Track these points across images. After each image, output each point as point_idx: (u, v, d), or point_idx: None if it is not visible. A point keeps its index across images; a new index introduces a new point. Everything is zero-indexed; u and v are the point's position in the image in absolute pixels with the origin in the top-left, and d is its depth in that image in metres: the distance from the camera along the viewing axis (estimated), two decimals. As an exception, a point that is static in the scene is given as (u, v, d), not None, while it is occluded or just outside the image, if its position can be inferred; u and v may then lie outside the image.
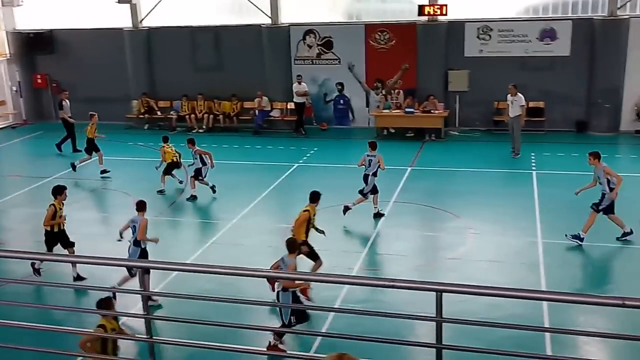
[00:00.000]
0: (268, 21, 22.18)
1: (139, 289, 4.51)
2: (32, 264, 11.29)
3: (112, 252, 10.08)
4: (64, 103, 20.42)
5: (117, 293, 9.36)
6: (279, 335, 8.88)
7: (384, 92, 21.24)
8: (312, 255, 10.81)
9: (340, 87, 22.11)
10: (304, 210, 10.86)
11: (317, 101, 22.21)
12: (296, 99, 21.53)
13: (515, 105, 17.98)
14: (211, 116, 22.73)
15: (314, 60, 22.16)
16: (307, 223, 10.80)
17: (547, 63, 20.21)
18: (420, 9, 20.37)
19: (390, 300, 9.71)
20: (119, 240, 10.91)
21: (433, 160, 18.26)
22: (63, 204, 11.38)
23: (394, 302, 9.50)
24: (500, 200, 14.76)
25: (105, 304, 7.03)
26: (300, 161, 18.47)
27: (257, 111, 22.17)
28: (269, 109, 22.32)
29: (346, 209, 13.86)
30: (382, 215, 13.98)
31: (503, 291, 3.60)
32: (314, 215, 10.95)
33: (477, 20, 20.61)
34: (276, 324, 9.19)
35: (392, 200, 14.92)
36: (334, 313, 9.56)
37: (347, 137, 21.22)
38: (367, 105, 21.96)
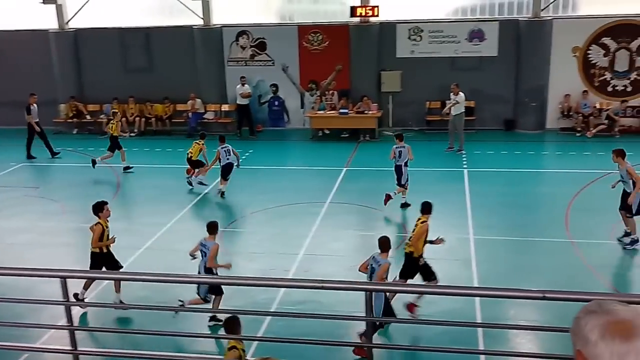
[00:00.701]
0: (200, 22, 21.90)
1: (62, 300, 4.34)
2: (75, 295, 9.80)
3: (37, 262, 9.72)
4: (32, 107, 19.44)
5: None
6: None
7: (318, 93, 21.33)
8: (427, 272, 9.80)
9: (274, 89, 22.05)
10: (422, 222, 9.92)
11: (251, 103, 22.07)
12: (239, 101, 21.32)
13: (460, 104, 18.63)
14: (143, 119, 22.28)
15: (248, 62, 22.03)
16: (425, 235, 9.98)
17: (476, 63, 20.72)
18: (353, 10, 20.55)
19: (327, 300, 9.71)
20: (192, 259, 10.00)
21: (368, 161, 18.42)
22: (108, 221, 10.15)
23: (332, 303, 9.51)
24: (433, 198, 14.85)
25: (231, 324, 6.65)
26: (236, 163, 18.29)
27: (190, 113, 21.86)
28: (203, 111, 22.05)
29: (388, 198, 14.21)
30: (409, 205, 14.08)
31: (427, 288, 3.63)
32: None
33: (408, 21, 20.94)
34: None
35: (328, 201, 14.96)
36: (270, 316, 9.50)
37: (282, 139, 21.19)
38: (302, 107, 21.99)
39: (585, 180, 15.57)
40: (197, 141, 16.28)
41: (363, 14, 20.56)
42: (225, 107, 22.24)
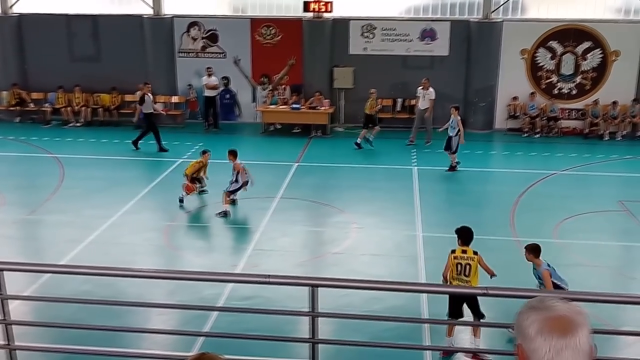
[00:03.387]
0: (150, 12, 21.45)
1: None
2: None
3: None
4: (146, 97, 18.72)
5: None
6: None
7: (270, 87, 21.20)
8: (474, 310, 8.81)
9: (225, 82, 21.78)
10: (474, 253, 8.97)
11: (202, 95, 21.77)
12: (207, 93, 20.97)
13: (427, 98, 19.15)
14: (89, 109, 21.71)
15: (199, 54, 21.70)
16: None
17: (428, 62, 20.92)
18: (306, 5, 20.46)
19: (275, 296, 9.64)
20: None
21: (319, 156, 18.41)
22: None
23: (280, 298, 9.44)
24: (382, 195, 15.09)
25: None
26: (185, 157, 18.01)
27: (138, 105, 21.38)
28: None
29: (452, 169, 16.16)
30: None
31: (373, 284, 3.62)
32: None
33: (361, 18, 20.98)
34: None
35: (279, 197, 14.88)
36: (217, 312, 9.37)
37: (233, 133, 20.96)
38: (254, 101, 21.81)
39: (531, 180, 15.92)
40: (200, 159, 14.86)
41: (316, 9, 20.51)
42: (175, 99, 21.87)
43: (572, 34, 20.45)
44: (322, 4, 20.40)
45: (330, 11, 20.52)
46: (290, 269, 11.18)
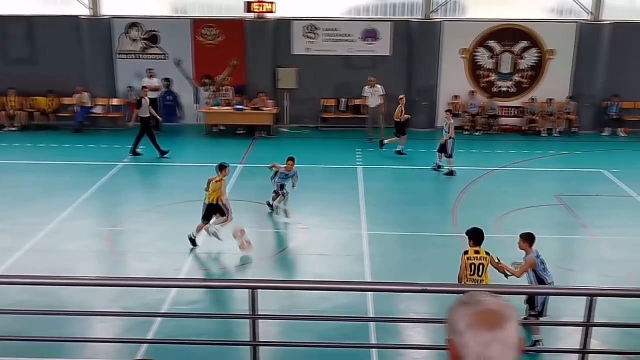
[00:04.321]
0: (87, 12, 20.93)
1: None
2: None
3: None
4: (143, 101, 17.95)
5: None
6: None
7: (213, 88, 20.98)
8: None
9: (167, 83, 21.45)
10: (486, 253, 9.01)
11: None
12: (148, 95, 20.50)
13: (375, 95, 19.36)
14: (25, 113, 21.03)
15: (139, 55, 21.29)
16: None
17: (371, 62, 21.09)
18: (248, 6, 20.35)
19: (223, 298, 9.55)
20: None
21: (264, 158, 18.21)
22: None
23: (227, 300, 9.35)
24: (328, 195, 15.12)
25: None
26: (126, 160, 17.66)
27: (77, 108, 20.86)
28: (91, 105, 21.09)
29: (450, 173, 16.24)
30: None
31: (312, 284, 3.60)
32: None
33: (304, 19, 20.99)
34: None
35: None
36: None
37: (175, 135, 20.63)
38: (196, 102, 21.54)
39: (472, 176, 16.23)
40: (217, 178, 12.15)
41: (259, 9, 20.41)
42: (114, 102, 21.41)
43: (510, 34, 20.97)
44: (264, 4, 20.32)
45: (273, 12, 20.45)
46: (235, 272, 11.09)
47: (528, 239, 9.12)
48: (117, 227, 13.22)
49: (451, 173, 16.39)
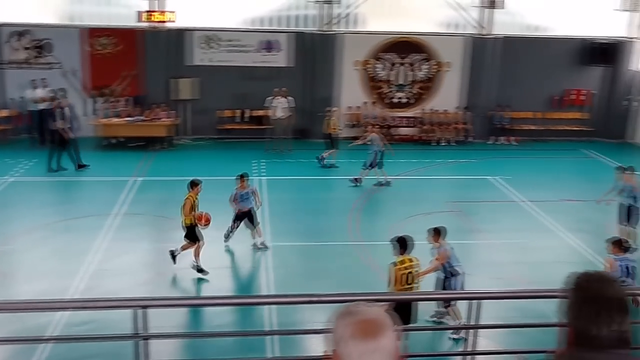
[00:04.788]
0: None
1: None
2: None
3: None
4: (56, 112, 16.82)
5: None
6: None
7: (108, 99, 20.33)
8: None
9: (62, 94, 20.49)
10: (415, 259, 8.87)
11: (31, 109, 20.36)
12: (33, 107, 19.52)
13: (284, 107, 19.58)
14: None
15: (29, 64, 20.31)
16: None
17: (270, 73, 21.12)
18: (144, 15, 19.90)
19: (119, 317, 9.20)
20: None
21: (163, 170, 17.92)
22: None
23: (124, 319, 9.02)
24: (227, 208, 14.93)
25: None
26: (16, 174, 16.78)
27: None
28: (-25, 117, 19.91)
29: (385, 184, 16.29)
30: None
31: (202, 300, 3.55)
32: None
33: (203, 29, 20.77)
34: None
35: (119, 213, 14.27)
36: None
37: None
38: (88, 114, 20.74)
39: (369, 185, 16.58)
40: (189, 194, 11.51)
41: (155, 19, 20.01)
42: (3, 113, 20.30)
43: (405, 46, 21.64)
44: (160, 13, 19.94)
45: (170, 21, 20.11)
46: (132, 289, 10.75)
47: (438, 233, 9.44)
48: (3, 246, 12.52)
49: (380, 184, 16.60)
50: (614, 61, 21.89)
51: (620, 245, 9.33)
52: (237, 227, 12.56)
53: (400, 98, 22.04)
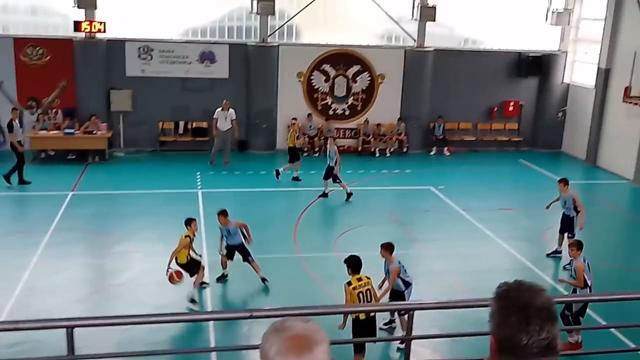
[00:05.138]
0: None
1: None
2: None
3: None
4: (14, 124, 15.83)
5: None
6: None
7: (39, 111, 19.63)
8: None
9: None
10: (367, 277, 8.82)
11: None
12: None
13: (229, 119, 19.29)
14: None
15: (-46, 75, 19.42)
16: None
17: (209, 85, 20.89)
18: (77, 25, 19.37)
19: (47, 338, 8.82)
20: None
21: (98, 184, 17.41)
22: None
23: (53, 340, 8.64)
24: (166, 221, 14.64)
25: None
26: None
27: None
28: None
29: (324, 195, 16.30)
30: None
31: (139, 318, 3.40)
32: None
33: (138, 40, 20.36)
34: None
35: (51, 229, 13.74)
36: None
37: (-2, 162, 19.04)
38: (21, 126, 19.96)
39: (312, 197, 16.55)
40: (184, 233, 11.09)
41: (88, 29, 19.50)
42: None
43: (343, 58, 21.80)
44: (93, 24, 19.45)
45: (104, 32, 19.64)
46: (67, 307, 10.36)
47: (388, 248, 9.59)
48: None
49: (349, 195, 16.39)
50: (547, 73, 22.65)
51: (580, 245, 9.75)
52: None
53: (339, 109, 22.16)
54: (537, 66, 22.44)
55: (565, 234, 13.08)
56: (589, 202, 14.72)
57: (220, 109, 19.45)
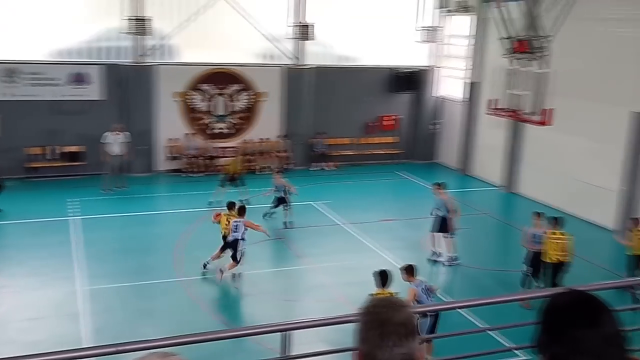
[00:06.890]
0: None
1: None
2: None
3: None
4: None
5: None
6: None
7: None
8: None
9: None
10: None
11: None
12: None
13: (118, 143, 18.66)
14: None
15: None
16: None
17: (82, 107, 19.99)
18: None
19: None
20: None
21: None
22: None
23: None
24: (37, 253, 13.81)
25: None
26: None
27: None
28: None
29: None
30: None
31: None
32: None
33: (2, 61, 19.18)
34: None
35: None
36: None
37: None
38: None
39: (194, 218, 16.22)
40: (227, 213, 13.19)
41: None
42: None
43: (223, 77, 21.62)
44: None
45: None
46: None
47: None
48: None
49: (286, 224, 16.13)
50: (419, 88, 23.61)
51: (412, 271, 9.68)
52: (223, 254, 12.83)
53: (221, 129, 21.94)
54: (410, 81, 23.35)
55: (441, 234, 13.91)
56: (464, 209, 15.39)
57: (110, 132, 18.59)
